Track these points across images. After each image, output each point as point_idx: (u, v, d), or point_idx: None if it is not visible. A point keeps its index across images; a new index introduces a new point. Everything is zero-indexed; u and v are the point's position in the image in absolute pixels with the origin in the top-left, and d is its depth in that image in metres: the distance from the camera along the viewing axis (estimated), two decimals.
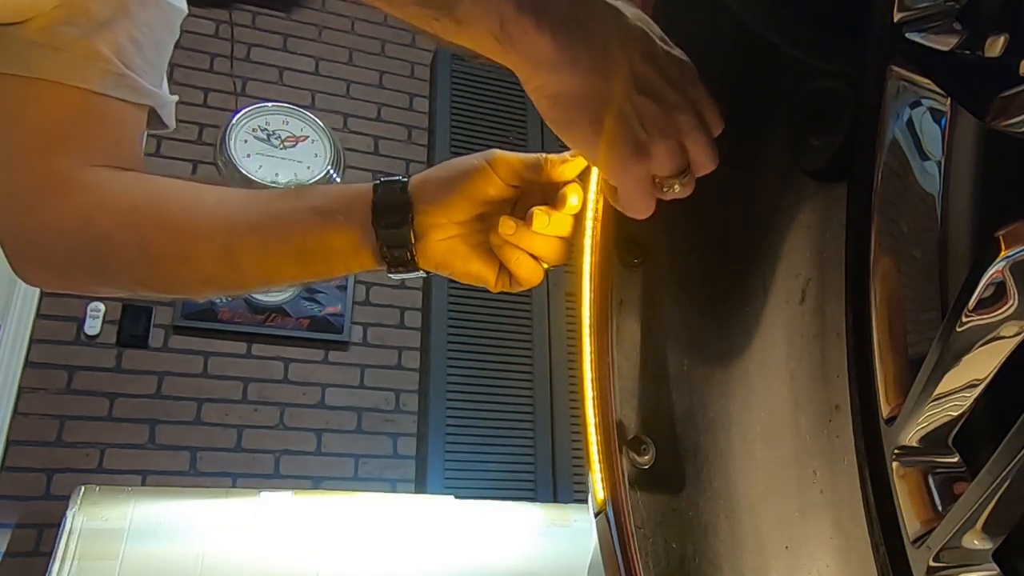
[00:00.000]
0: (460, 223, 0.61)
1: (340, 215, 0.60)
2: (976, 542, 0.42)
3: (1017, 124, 0.41)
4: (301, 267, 0.62)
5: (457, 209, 0.60)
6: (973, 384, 0.43)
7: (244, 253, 0.62)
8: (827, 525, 0.58)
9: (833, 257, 0.61)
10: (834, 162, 0.61)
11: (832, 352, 0.60)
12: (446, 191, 0.60)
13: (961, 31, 0.44)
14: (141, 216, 0.62)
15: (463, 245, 0.62)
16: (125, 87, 0.63)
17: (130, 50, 0.63)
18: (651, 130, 0.50)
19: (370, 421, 2.92)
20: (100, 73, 0.61)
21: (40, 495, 2.45)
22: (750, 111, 0.67)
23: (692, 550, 0.64)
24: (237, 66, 3.12)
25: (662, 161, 0.51)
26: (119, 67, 0.62)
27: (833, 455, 0.58)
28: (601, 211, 0.69)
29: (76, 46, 0.60)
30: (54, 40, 0.60)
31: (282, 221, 0.61)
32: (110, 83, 0.62)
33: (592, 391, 0.67)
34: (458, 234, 0.62)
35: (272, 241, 0.61)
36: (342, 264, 0.62)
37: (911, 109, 0.51)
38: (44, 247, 0.63)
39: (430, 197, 0.60)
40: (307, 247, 0.61)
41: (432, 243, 0.61)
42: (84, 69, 0.61)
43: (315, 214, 0.61)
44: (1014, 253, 0.39)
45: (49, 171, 0.61)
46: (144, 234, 0.62)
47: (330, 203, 0.61)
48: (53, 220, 0.62)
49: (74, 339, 2.66)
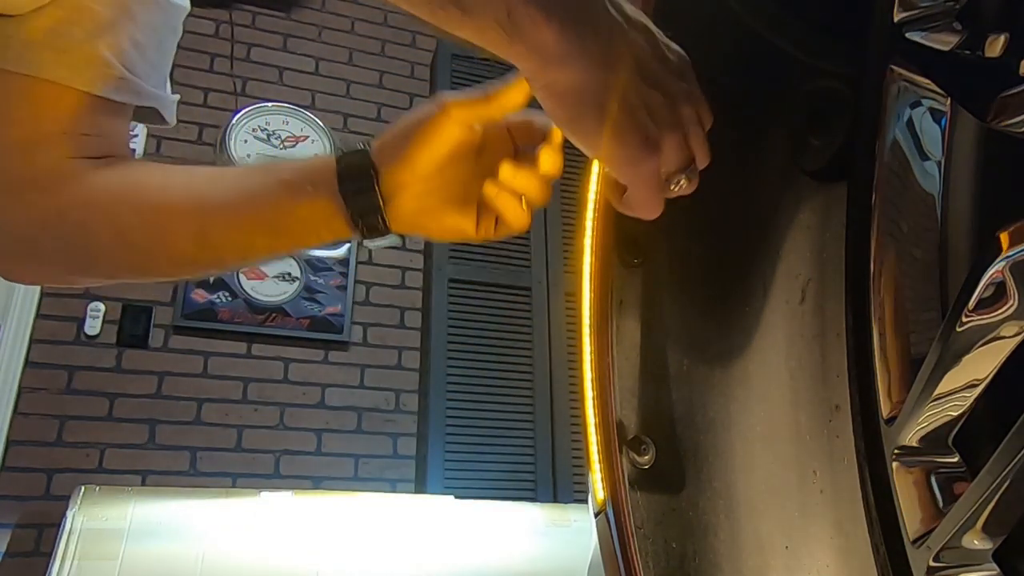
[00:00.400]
0: (427, 178, 0.59)
1: (308, 186, 0.59)
2: (976, 542, 0.42)
3: (1017, 124, 0.41)
4: (274, 240, 0.62)
5: (420, 162, 0.59)
6: (973, 384, 0.43)
7: (217, 231, 0.61)
8: (827, 525, 0.58)
9: (833, 257, 0.61)
10: (834, 162, 0.61)
11: (832, 352, 0.60)
12: (405, 146, 0.59)
13: (961, 31, 0.44)
14: (117, 205, 0.62)
15: (434, 201, 0.60)
16: (127, 90, 0.63)
17: (132, 53, 0.63)
18: (659, 123, 0.50)
19: (370, 421, 2.92)
20: (102, 76, 0.61)
21: (40, 495, 2.45)
22: (750, 111, 0.67)
23: (692, 550, 0.64)
24: (237, 66, 3.12)
25: (671, 154, 0.51)
26: (121, 70, 0.62)
27: (833, 455, 0.58)
28: (601, 211, 0.69)
29: (79, 48, 0.60)
30: (58, 41, 0.60)
31: (252, 196, 0.61)
32: (111, 87, 0.62)
33: (592, 391, 0.67)
34: (427, 190, 0.60)
35: (243, 216, 0.61)
36: (314, 235, 0.61)
37: (911, 109, 0.51)
38: (18, 241, 0.63)
39: (391, 156, 0.59)
40: (278, 220, 0.61)
41: (403, 204, 0.60)
42: (86, 71, 0.61)
43: (283, 187, 0.60)
44: (1014, 253, 0.39)
45: (31, 167, 0.61)
46: (120, 222, 0.62)
47: (297, 175, 0.60)
48: (30, 215, 0.62)
49: (74, 339, 2.66)
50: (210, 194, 0.62)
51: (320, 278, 2.99)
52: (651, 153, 0.50)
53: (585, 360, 0.69)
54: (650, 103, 0.49)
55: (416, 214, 0.60)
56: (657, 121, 0.49)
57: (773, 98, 0.67)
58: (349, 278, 3.02)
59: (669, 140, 0.50)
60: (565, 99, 0.48)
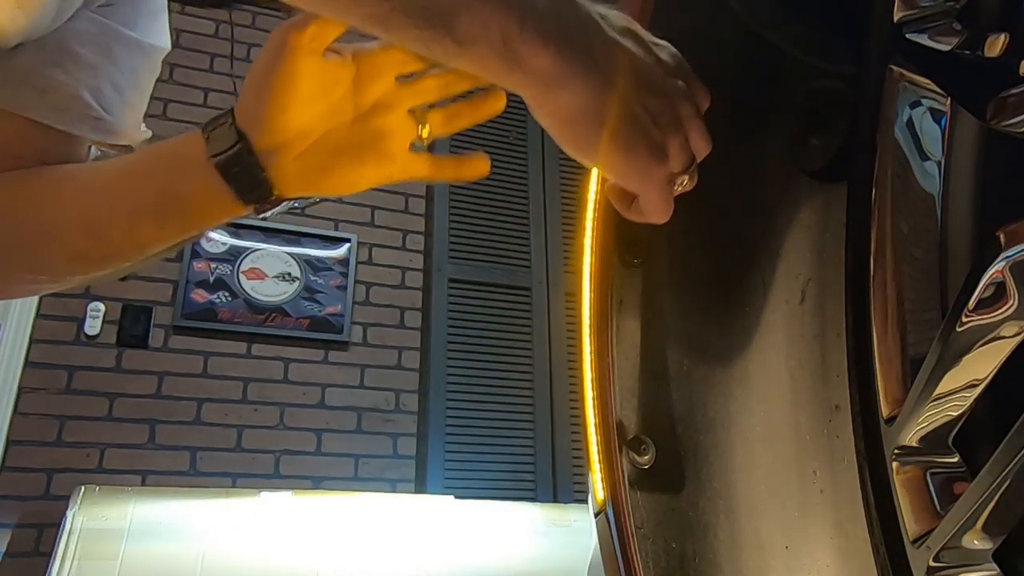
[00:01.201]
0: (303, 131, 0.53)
1: (187, 164, 0.55)
2: (976, 542, 0.42)
3: (1017, 124, 0.41)
4: (161, 224, 0.57)
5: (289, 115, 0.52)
6: (973, 384, 0.43)
7: (102, 218, 0.58)
8: (827, 525, 0.58)
9: (833, 257, 0.61)
10: (834, 162, 0.61)
11: (832, 352, 0.60)
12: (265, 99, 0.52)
13: (961, 31, 0.44)
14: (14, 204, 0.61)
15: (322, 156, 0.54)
16: (104, 130, 0.64)
17: (111, 95, 0.64)
18: (662, 127, 0.49)
19: (370, 421, 2.92)
20: (80, 117, 0.62)
21: (40, 495, 2.45)
22: (750, 111, 0.67)
23: (692, 550, 0.64)
24: (237, 66, 3.11)
25: (677, 158, 0.50)
26: (98, 112, 0.63)
27: (833, 455, 0.58)
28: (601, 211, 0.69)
29: (61, 89, 0.61)
30: (39, 81, 0.60)
31: (133, 177, 0.58)
32: (88, 126, 0.63)
33: (592, 391, 0.67)
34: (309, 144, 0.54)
35: (125, 201, 0.57)
36: (203, 215, 0.56)
37: (911, 109, 0.51)
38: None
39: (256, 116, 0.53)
40: (163, 203, 0.56)
41: (286, 167, 0.53)
42: (65, 112, 0.61)
43: (161, 166, 0.57)
44: (1014, 253, 0.39)
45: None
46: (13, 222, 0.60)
47: (173, 152, 0.57)
48: None
49: (74, 339, 2.66)
50: (92, 181, 0.59)
51: (320, 278, 2.99)
52: (660, 159, 0.49)
53: (585, 360, 0.69)
54: (651, 109, 0.48)
55: (304, 174, 0.54)
56: (660, 126, 0.49)
57: (773, 98, 0.67)
58: (349, 278, 3.02)
59: (674, 144, 0.50)
60: (571, 123, 0.48)
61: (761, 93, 0.68)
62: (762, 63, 0.67)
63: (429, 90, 0.56)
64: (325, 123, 0.54)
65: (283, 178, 0.54)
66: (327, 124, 0.54)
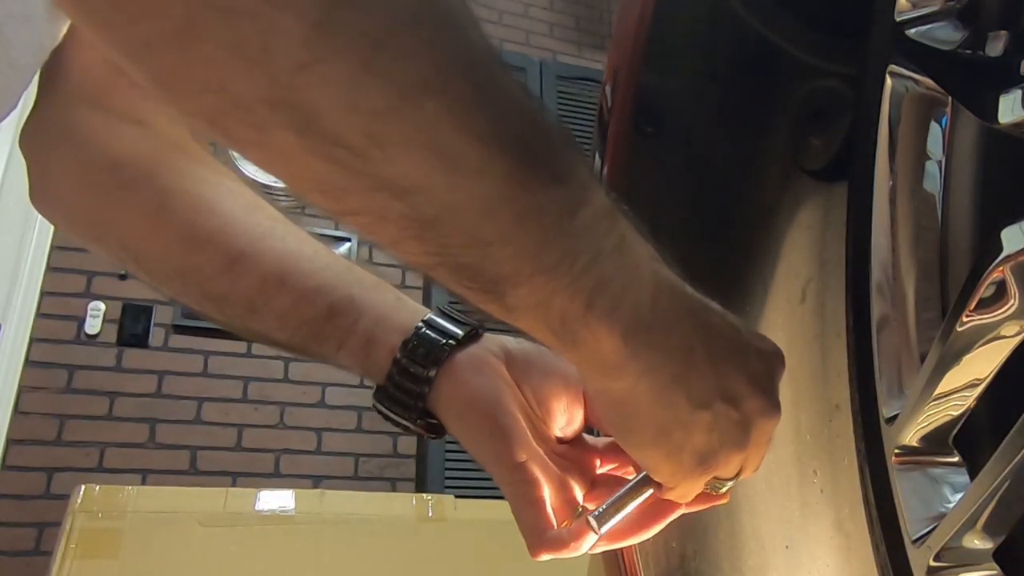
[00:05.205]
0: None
1: (368, 350, 0.52)
2: (976, 542, 0.42)
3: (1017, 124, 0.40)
4: (286, 336, 0.54)
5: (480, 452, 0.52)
6: (973, 384, 0.43)
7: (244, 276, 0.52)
8: (827, 524, 0.58)
9: (833, 257, 0.61)
10: (834, 162, 0.61)
11: (832, 352, 0.60)
12: (481, 445, 0.52)
13: (962, 30, 0.44)
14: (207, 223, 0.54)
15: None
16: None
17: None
18: (726, 440, 0.42)
19: (370, 420, 2.92)
20: None
21: (40, 494, 2.45)
22: (750, 111, 0.67)
23: (692, 550, 0.64)
24: None
25: (726, 470, 0.44)
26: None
27: (833, 455, 0.58)
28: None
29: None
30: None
31: (314, 283, 0.54)
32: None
33: None
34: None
35: (281, 288, 0.53)
36: (332, 356, 0.54)
37: (911, 109, 0.51)
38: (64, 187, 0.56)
39: (453, 422, 0.53)
40: (317, 326, 0.53)
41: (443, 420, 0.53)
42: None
43: (350, 302, 0.55)
44: (1015, 252, 0.39)
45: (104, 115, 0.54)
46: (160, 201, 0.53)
47: (361, 334, 0.53)
48: (84, 161, 0.54)
49: (74, 338, 2.66)
50: (283, 250, 0.54)
51: None
52: (707, 470, 0.43)
53: None
54: (722, 420, 0.42)
55: (448, 419, 0.54)
56: (724, 438, 0.42)
57: (773, 98, 0.67)
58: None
59: (731, 459, 0.44)
60: (622, 410, 0.42)
61: (761, 93, 0.68)
62: (762, 63, 0.67)
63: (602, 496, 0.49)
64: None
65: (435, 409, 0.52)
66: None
